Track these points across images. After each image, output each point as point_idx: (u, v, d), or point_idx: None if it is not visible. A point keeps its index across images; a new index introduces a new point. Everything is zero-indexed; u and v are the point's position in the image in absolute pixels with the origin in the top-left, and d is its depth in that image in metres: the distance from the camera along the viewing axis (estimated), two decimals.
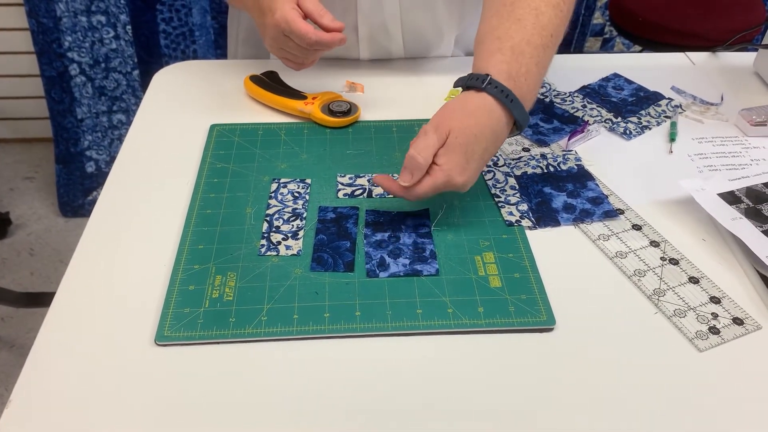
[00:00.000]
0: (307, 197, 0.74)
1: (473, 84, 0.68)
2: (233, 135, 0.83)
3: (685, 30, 1.58)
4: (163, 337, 0.59)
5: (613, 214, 0.73)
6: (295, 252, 0.67)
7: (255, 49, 1.03)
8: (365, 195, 0.75)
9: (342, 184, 0.76)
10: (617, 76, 0.97)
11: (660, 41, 1.62)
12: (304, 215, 0.72)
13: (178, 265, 0.65)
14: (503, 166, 0.79)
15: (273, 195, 0.74)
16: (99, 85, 1.87)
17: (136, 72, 1.88)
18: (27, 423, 0.53)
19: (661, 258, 0.68)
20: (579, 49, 2.08)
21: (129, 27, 1.81)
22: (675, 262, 0.67)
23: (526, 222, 0.71)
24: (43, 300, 1.66)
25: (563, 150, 0.82)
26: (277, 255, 0.67)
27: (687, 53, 1.05)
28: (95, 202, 0.73)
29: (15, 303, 1.64)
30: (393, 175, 0.77)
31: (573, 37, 2.05)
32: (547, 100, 0.91)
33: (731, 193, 0.73)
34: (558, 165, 0.79)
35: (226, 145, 0.82)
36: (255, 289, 0.63)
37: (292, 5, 0.74)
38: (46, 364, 0.57)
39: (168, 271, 0.65)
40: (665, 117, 0.89)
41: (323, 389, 0.56)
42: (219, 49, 1.91)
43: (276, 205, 0.73)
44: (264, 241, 0.68)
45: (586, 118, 0.88)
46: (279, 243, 0.68)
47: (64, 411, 0.54)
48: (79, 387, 0.55)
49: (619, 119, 0.88)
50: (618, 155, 0.82)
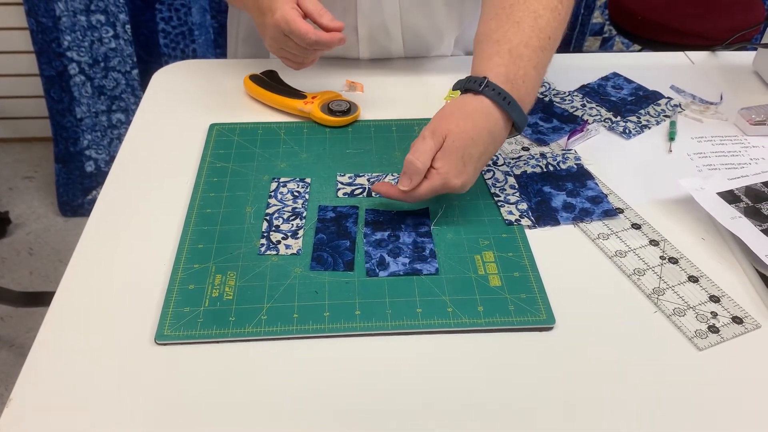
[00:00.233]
0: (307, 196, 0.74)
1: (471, 87, 0.69)
2: (233, 134, 0.83)
3: (685, 29, 1.58)
4: (163, 336, 0.59)
5: (613, 213, 0.73)
6: (295, 251, 0.67)
7: (255, 48, 1.03)
8: (365, 194, 0.75)
9: (342, 183, 0.76)
10: (617, 75, 0.97)
11: (659, 40, 1.62)
12: (303, 214, 0.72)
13: (177, 264, 0.65)
14: (503, 165, 0.79)
15: (273, 194, 0.74)
16: (98, 85, 1.87)
17: (135, 71, 1.88)
18: (27, 422, 0.53)
19: (661, 257, 0.68)
20: (578, 49, 2.08)
21: (128, 26, 1.81)
22: (674, 261, 0.67)
23: (525, 221, 0.71)
24: (43, 299, 1.66)
25: (563, 149, 0.82)
26: (277, 254, 0.67)
27: (686, 52, 1.05)
28: (94, 201, 0.73)
29: (14, 302, 1.64)
30: (392, 175, 0.77)
31: (572, 37, 2.05)
32: (547, 99, 0.91)
33: (730, 192, 0.73)
34: (557, 164, 0.79)
35: (225, 145, 0.82)
36: (255, 288, 0.63)
37: (291, 5, 0.74)
38: (46, 363, 0.57)
39: (168, 270, 0.65)
40: (664, 116, 0.89)
41: (323, 388, 0.56)
42: (218, 49, 1.91)
43: (276, 205, 0.73)
44: (264, 241, 0.68)
45: (585, 117, 0.88)
46: (279, 242, 0.68)
47: (64, 410, 0.54)
48: (79, 386, 0.55)
49: (619, 118, 0.88)
50: (617, 154, 0.82)
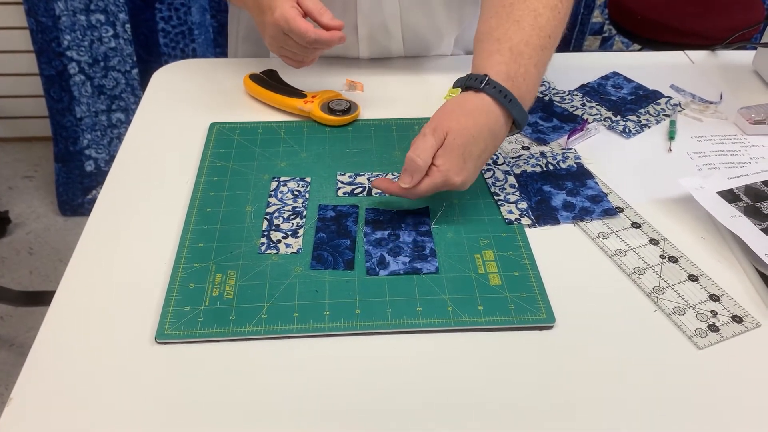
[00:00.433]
0: (307, 195, 0.74)
1: (472, 84, 0.69)
2: (233, 133, 0.83)
3: (684, 28, 1.58)
4: (164, 336, 0.59)
5: (613, 212, 0.73)
6: (295, 250, 0.67)
7: (255, 47, 1.03)
8: (365, 193, 0.75)
9: (342, 182, 0.76)
10: (616, 74, 0.97)
11: (659, 40, 1.62)
12: (304, 213, 0.72)
13: (178, 264, 0.65)
14: (503, 164, 0.79)
15: (273, 193, 0.74)
16: (98, 84, 1.87)
17: (135, 71, 1.88)
18: (27, 421, 0.53)
19: (661, 256, 0.68)
20: (578, 48, 2.08)
21: (128, 26, 1.81)
22: (674, 260, 0.67)
23: (525, 220, 0.71)
24: (43, 299, 1.66)
25: (563, 148, 0.82)
26: (277, 253, 0.67)
27: (686, 52, 1.05)
28: (94, 200, 0.73)
29: (14, 302, 1.64)
30: (392, 174, 0.77)
31: (572, 36, 2.05)
32: (547, 98, 0.91)
33: (730, 192, 0.73)
34: (557, 163, 0.79)
35: (225, 144, 0.82)
36: (255, 288, 0.63)
37: (291, 3, 0.74)
38: (46, 362, 0.57)
39: (168, 270, 0.65)
40: (664, 115, 0.89)
41: (323, 387, 0.56)
42: (218, 48, 1.91)
43: (276, 204, 0.73)
44: (264, 240, 0.68)
45: (585, 116, 0.88)
46: (279, 241, 0.68)
47: (64, 409, 0.54)
48: (80, 385, 0.55)
49: (619, 118, 0.88)
50: (617, 153, 0.82)
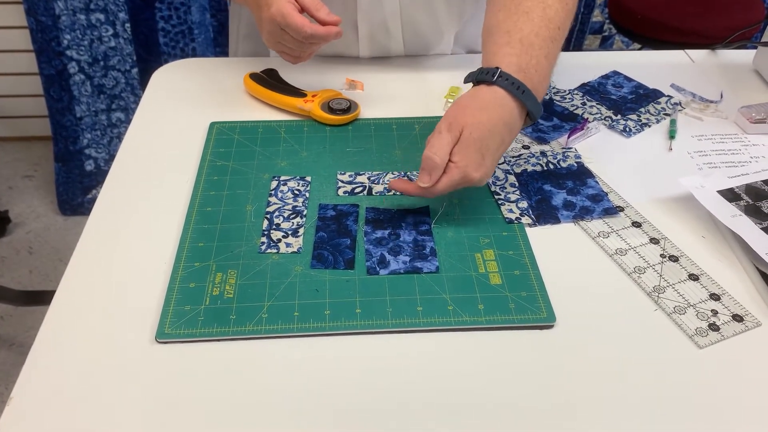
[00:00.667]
0: (307, 195, 0.74)
1: (484, 78, 0.68)
2: (233, 133, 0.83)
3: (685, 28, 1.58)
4: (164, 335, 0.59)
5: (613, 211, 0.73)
6: (296, 249, 0.67)
7: (256, 45, 1.03)
8: (365, 192, 0.75)
9: (342, 181, 0.76)
10: (617, 73, 0.97)
11: (659, 39, 1.61)
12: (304, 213, 0.72)
13: (178, 263, 0.65)
14: (503, 163, 0.79)
15: (273, 192, 0.74)
16: (98, 84, 1.87)
17: (135, 70, 1.88)
18: (28, 421, 0.53)
19: (661, 255, 0.68)
20: (578, 47, 2.08)
21: (128, 25, 1.81)
22: (675, 259, 0.67)
23: (526, 219, 0.71)
24: (43, 298, 1.66)
25: (563, 147, 0.82)
26: (278, 252, 0.67)
27: (686, 51, 1.05)
28: (94, 200, 0.73)
29: (14, 301, 1.64)
30: (393, 173, 0.77)
31: (572, 35, 2.05)
32: (547, 97, 0.91)
33: (731, 191, 0.73)
34: (558, 162, 0.79)
35: (225, 143, 0.82)
36: (255, 287, 0.63)
37: None
38: (46, 362, 0.57)
39: (168, 269, 0.65)
40: (665, 114, 0.89)
41: (324, 386, 0.56)
42: (218, 47, 1.90)
43: (276, 203, 0.73)
44: (264, 239, 0.68)
45: (585, 115, 0.88)
46: (279, 240, 0.68)
47: (64, 409, 0.54)
48: (80, 385, 0.55)
49: (619, 117, 0.88)
50: (618, 153, 0.82)
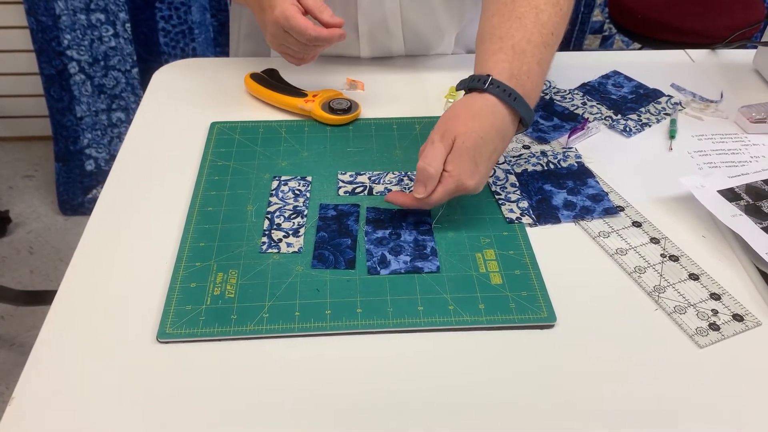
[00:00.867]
0: (308, 195, 0.74)
1: (475, 85, 0.68)
2: (234, 132, 0.83)
3: (685, 27, 1.58)
4: (165, 335, 0.59)
5: (614, 211, 0.73)
6: (296, 249, 0.67)
7: (257, 45, 1.03)
8: (366, 192, 0.75)
9: (343, 181, 0.76)
10: (617, 73, 0.97)
11: (659, 39, 1.61)
12: (305, 213, 0.72)
13: (179, 263, 0.65)
14: (503, 163, 0.79)
15: (274, 192, 0.74)
16: (98, 83, 1.87)
17: (135, 70, 1.88)
18: (29, 421, 0.53)
19: (661, 255, 0.68)
20: (578, 47, 2.08)
21: (128, 25, 1.81)
22: (675, 258, 0.68)
23: (526, 219, 0.71)
24: (43, 298, 1.66)
25: (563, 147, 0.82)
26: (278, 252, 0.67)
27: (687, 51, 1.05)
28: (95, 200, 0.73)
29: (15, 301, 1.64)
30: (393, 173, 0.77)
31: (572, 35, 2.05)
32: (547, 97, 0.92)
33: (731, 190, 0.73)
34: (558, 162, 0.79)
35: (226, 143, 0.82)
36: (256, 287, 0.63)
37: (291, 1, 0.74)
38: (48, 362, 0.57)
39: (169, 269, 0.65)
40: (665, 114, 0.89)
41: (324, 386, 0.56)
42: (218, 47, 1.91)
43: (277, 203, 0.73)
44: (265, 239, 0.68)
45: (586, 115, 0.88)
46: (280, 240, 0.68)
47: (66, 409, 0.54)
48: (81, 385, 0.55)
49: (619, 116, 0.88)
50: (618, 152, 0.83)
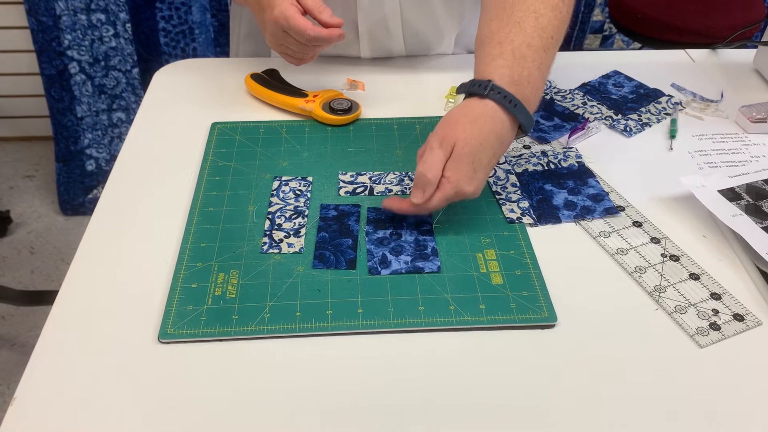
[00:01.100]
0: (309, 195, 0.74)
1: (476, 91, 0.68)
2: (234, 133, 0.83)
3: (685, 27, 1.58)
4: (167, 335, 0.59)
5: (614, 211, 0.73)
6: (297, 249, 0.67)
7: (257, 45, 1.04)
8: (367, 192, 0.75)
9: (343, 181, 0.76)
10: (617, 73, 0.97)
11: (659, 38, 1.62)
12: (305, 213, 0.72)
13: (180, 263, 0.66)
14: (504, 163, 0.79)
15: (275, 193, 0.74)
16: (99, 84, 1.87)
17: (135, 70, 1.88)
18: (31, 421, 0.53)
19: (662, 254, 0.68)
20: (578, 47, 2.08)
21: (129, 25, 1.81)
22: (675, 258, 0.68)
23: (527, 219, 0.72)
24: (44, 298, 1.66)
25: (564, 147, 0.82)
26: (279, 252, 0.67)
27: (687, 50, 1.05)
28: (95, 200, 0.74)
29: (15, 301, 1.64)
30: (394, 173, 0.77)
31: (572, 35, 2.05)
32: (548, 97, 0.92)
33: (731, 190, 0.73)
34: (559, 162, 0.79)
35: (227, 143, 0.82)
36: (257, 287, 0.63)
37: (291, 1, 0.74)
38: (49, 361, 0.57)
39: (170, 269, 0.65)
40: (665, 114, 0.89)
41: (325, 386, 0.56)
42: (219, 47, 1.90)
43: (278, 203, 0.73)
44: (266, 239, 0.68)
45: (586, 115, 0.88)
46: (281, 240, 0.68)
47: (67, 409, 0.54)
48: (83, 385, 0.55)
49: (620, 116, 0.88)
50: (618, 152, 0.83)
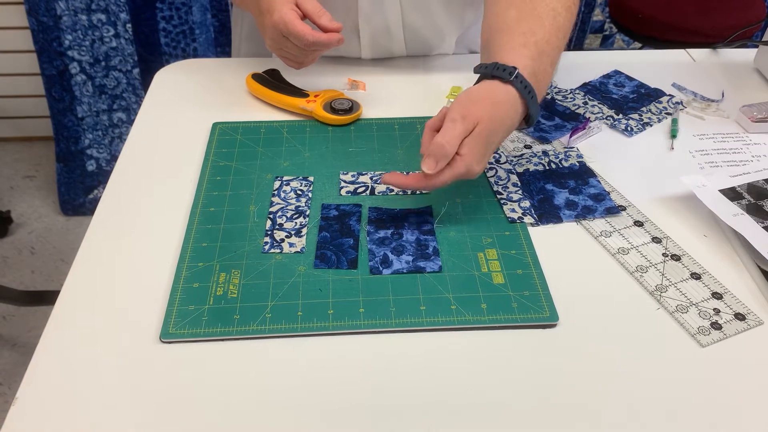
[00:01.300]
0: (310, 195, 0.74)
1: (500, 74, 0.67)
2: (235, 133, 0.83)
3: (685, 27, 1.58)
4: (168, 335, 0.59)
5: (615, 210, 0.73)
6: (299, 249, 0.67)
7: (258, 46, 1.04)
8: (368, 192, 0.75)
9: (345, 181, 0.76)
10: (618, 73, 0.97)
11: (660, 38, 1.62)
12: (307, 213, 0.72)
13: (182, 263, 0.66)
14: (505, 163, 0.79)
15: (276, 192, 0.74)
16: (99, 84, 1.87)
17: (136, 70, 1.88)
18: (32, 421, 0.53)
19: (663, 254, 0.68)
20: (579, 46, 2.08)
21: (129, 25, 1.81)
22: (677, 258, 0.68)
23: (528, 219, 0.72)
24: (45, 298, 1.66)
25: (565, 147, 0.82)
26: (281, 252, 0.67)
27: (687, 50, 1.05)
28: (96, 200, 0.74)
29: (16, 301, 1.64)
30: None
31: (573, 34, 2.05)
32: (549, 97, 0.92)
33: (732, 189, 0.73)
34: (560, 162, 0.79)
35: (228, 143, 0.82)
36: (259, 287, 0.63)
37: (290, 6, 0.74)
38: (51, 362, 0.57)
39: (172, 269, 0.65)
40: (666, 114, 0.89)
41: (327, 385, 0.56)
42: (219, 47, 1.90)
43: (279, 203, 0.73)
44: (267, 239, 0.69)
45: (587, 115, 0.88)
46: (282, 240, 0.68)
47: (69, 409, 0.54)
48: (85, 385, 0.56)
49: (621, 116, 0.88)
50: (619, 152, 0.83)
